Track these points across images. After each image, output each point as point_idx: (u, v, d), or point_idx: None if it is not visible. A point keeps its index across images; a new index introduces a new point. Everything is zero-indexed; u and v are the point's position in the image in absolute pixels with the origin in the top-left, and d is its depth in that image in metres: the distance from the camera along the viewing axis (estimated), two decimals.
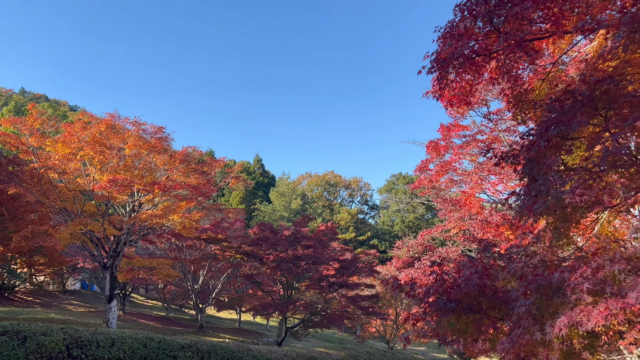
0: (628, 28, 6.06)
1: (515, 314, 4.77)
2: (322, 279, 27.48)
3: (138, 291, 51.93)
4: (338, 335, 49.76)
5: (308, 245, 26.55)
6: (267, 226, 27.79)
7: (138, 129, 22.14)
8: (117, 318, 22.37)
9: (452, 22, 7.45)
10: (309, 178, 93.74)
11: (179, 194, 22.86)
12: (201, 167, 24.45)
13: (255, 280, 28.81)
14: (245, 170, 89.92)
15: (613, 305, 3.99)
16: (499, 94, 15.38)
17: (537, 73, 9.29)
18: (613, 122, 5.39)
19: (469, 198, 18.40)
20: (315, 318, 27.32)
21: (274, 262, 25.37)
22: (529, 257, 6.39)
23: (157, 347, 12.97)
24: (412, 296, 6.29)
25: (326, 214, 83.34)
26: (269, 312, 27.88)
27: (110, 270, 21.42)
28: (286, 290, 27.79)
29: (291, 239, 26.43)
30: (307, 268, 26.51)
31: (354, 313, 30.91)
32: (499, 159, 6.78)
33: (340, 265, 28.91)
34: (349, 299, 29.69)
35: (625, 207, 7.81)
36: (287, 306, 25.15)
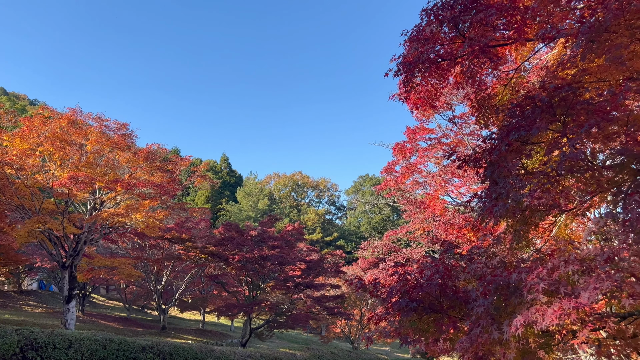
0: (586, 37, 6.28)
1: (474, 314, 4.88)
2: (288, 280, 27.43)
3: (99, 291, 50.61)
4: (303, 335, 49.75)
5: (274, 245, 26.45)
6: (233, 226, 27.54)
7: (101, 125, 21.61)
8: (75, 319, 21.74)
9: (418, 26, 7.56)
10: (276, 178, 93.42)
11: (143, 192, 22.42)
12: (166, 165, 24.05)
13: (220, 281, 28.52)
14: (211, 169, 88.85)
15: (566, 305, 4.13)
16: (463, 98, 15.71)
17: (500, 79, 9.53)
18: (570, 128, 5.57)
19: (433, 200, 18.71)
20: (280, 319, 27.23)
21: (239, 262, 25.16)
22: (489, 258, 6.54)
23: (117, 349, 12.67)
24: (375, 296, 6.35)
25: (293, 215, 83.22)
26: (234, 313, 27.62)
27: (69, 270, 20.80)
28: (251, 290, 27.60)
29: (257, 239, 26.28)
30: (273, 268, 26.41)
31: (320, 313, 30.97)
32: (461, 162, 6.91)
33: (306, 265, 28.92)
34: (314, 300, 29.72)
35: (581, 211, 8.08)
36: (252, 307, 24.98)
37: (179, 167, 25.44)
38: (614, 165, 5.69)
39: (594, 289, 4.09)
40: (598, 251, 4.66)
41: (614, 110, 5.65)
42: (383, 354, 42.87)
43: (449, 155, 8.13)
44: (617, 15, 5.80)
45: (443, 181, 19.13)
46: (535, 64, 10.39)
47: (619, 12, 5.82)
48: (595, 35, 6.13)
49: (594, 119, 5.33)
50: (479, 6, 7.04)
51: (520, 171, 6.37)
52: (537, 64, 10.28)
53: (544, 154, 5.86)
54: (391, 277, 6.76)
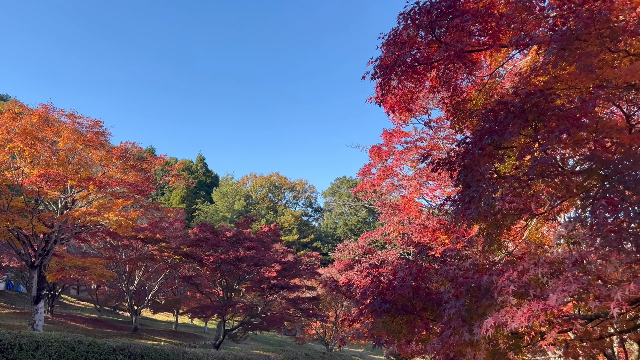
0: (558, 45, 6.42)
1: (446, 315, 4.93)
2: (264, 281, 27.30)
3: (69, 292, 49.50)
4: (278, 337, 49.57)
5: (250, 246, 26.31)
6: (208, 227, 27.29)
7: (74, 122, 21.17)
8: (44, 320, 21.23)
9: (395, 30, 7.62)
10: (253, 179, 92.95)
11: (116, 191, 22.05)
12: (140, 164, 23.69)
13: (194, 282, 28.22)
14: (187, 168, 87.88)
15: (535, 307, 4.20)
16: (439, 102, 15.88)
17: (475, 84, 9.67)
18: (542, 133, 5.68)
19: (409, 202, 18.88)
20: (255, 320, 27.09)
21: (214, 263, 24.94)
22: (462, 260, 6.63)
23: (86, 351, 12.41)
24: (349, 298, 6.36)
25: (270, 216, 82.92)
26: (208, 314, 27.36)
27: (38, 270, 20.30)
28: (226, 292, 27.38)
29: (233, 240, 26.09)
30: (249, 270, 26.26)
31: (295, 315, 30.93)
32: (436, 165, 6.98)
33: (282, 267, 28.85)
34: (289, 301, 29.66)
35: (552, 215, 8.25)
36: (227, 308, 24.78)
37: (154, 166, 25.08)
38: (583, 170, 5.83)
39: (561, 291, 4.18)
40: (566, 254, 4.76)
41: (583, 117, 5.78)
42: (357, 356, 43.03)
43: (423, 158, 8.21)
44: (587, 25, 5.95)
45: (418, 184, 19.32)
46: (510, 70, 10.58)
47: (589, 21, 5.97)
48: (566, 43, 6.28)
49: (564, 125, 5.45)
50: (455, 12, 7.13)
51: (493, 175, 6.47)
52: (511, 70, 10.46)
53: (516, 159, 5.97)
54: (365, 279, 6.79)
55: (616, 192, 5.10)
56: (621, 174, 5.29)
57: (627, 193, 5.13)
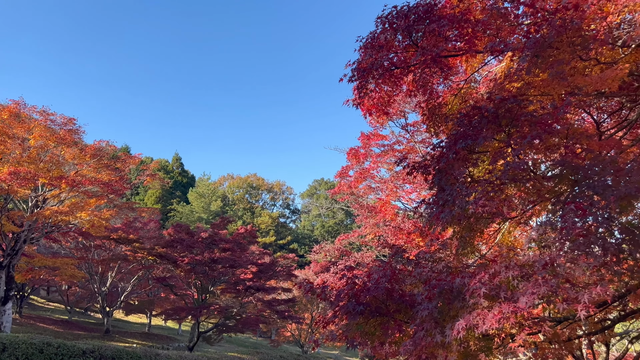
0: (531, 52, 6.55)
1: (418, 317, 4.96)
2: (239, 283, 27.11)
3: (39, 293, 48.31)
4: (253, 339, 49.27)
5: (226, 248, 26.09)
6: (183, 227, 26.98)
7: (46, 119, 20.71)
8: (12, 322, 20.67)
9: (373, 33, 7.66)
10: (230, 180, 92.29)
11: (89, 190, 21.63)
12: (114, 162, 23.31)
13: (168, 284, 27.87)
14: (163, 168, 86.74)
15: (506, 309, 4.27)
16: (415, 106, 16.06)
17: (451, 89, 9.80)
18: (514, 138, 5.78)
19: (385, 205, 19.00)
20: (229, 322, 26.87)
21: (189, 264, 24.66)
22: (435, 263, 6.69)
23: (55, 353, 12.13)
24: (323, 299, 6.36)
25: (247, 217, 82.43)
26: (182, 316, 27.02)
27: (6, 270, 19.77)
28: (201, 294, 27.10)
29: (208, 241, 25.84)
30: (224, 271, 26.04)
31: (270, 317, 30.79)
32: (411, 168, 7.04)
33: (258, 269, 28.70)
34: (265, 303, 29.52)
35: (524, 219, 8.40)
36: (201, 310, 24.52)
37: (128, 165, 24.71)
38: (554, 175, 5.95)
39: (531, 294, 4.25)
40: (537, 258, 4.85)
41: (555, 123, 5.90)
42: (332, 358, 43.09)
43: (399, 161, 8.28)
44: (560, 32, 6.08)
45: (395, 187, 19.47)
46: (485, 75, 10.75)
47: (561, 30, 6.10)
48: (540, 50, 6.41)
49: (536, 131, 5.55)
50: (432, 17, 7.21)
51: (467, 179, 6.55)
52: (486, 75, 10.63)
53: (489, 163, 6.05)
54: (340, 281, 6.80)
55: (585, 198, 5.21)
56: (590, 179, 5.41)
57: (595, 198, 5.25)
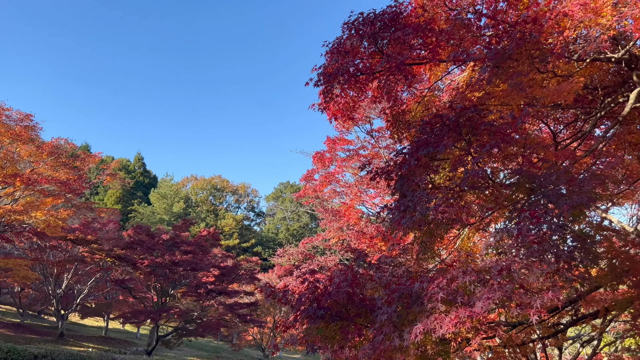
0: (492, 63, 6.73)
1: (378, 321, 5.01)
2: (201, 286, 26.72)
3: None
4: (213, 343, 48.58)
5: (188, 250, 25.68)
6: (143, 229, 26.40)
7: (1, 115, 19.93)
8: None
9: (340, 38, 7.72)
10: (194, 181, 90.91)
11: (45, 189, 20.93)
12: (73, 161, 22.64)
13: (127, 286, 27.20)
14: (124, 168, 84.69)
15: (462, 314, 4.36)
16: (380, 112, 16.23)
17: (415, 96, 9.96)
18: (474, 147, 5.92)
19: (349, 209, 19.12)
20: (190, 326, 26.43)
21: (148, 267, 24.14)
22: (396, 267, 6.77)
23: (5, 358, 11.63)
24: (284, 304, 6.34)
25: (210, 219, 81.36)
26: (140, 319, 26.42)
27: None
28: (160, 297, 26.56)
29: (169, 243, 25.38)
30: (185, 274, 25.61)
31: (232, 321, 30.47)
32: (374, 174, 7.10)
33: (220, 272, 28.36)
34: (227, 307, 29.19)
35: (482, 225, 8.61)
36: (161, 314, 24.04)
37: (88, 163, 24.03)
38: (511, 184, 6.12)
39: (487, 299, 4.35)
40: (493, 263, 4.97)
41: (513, 133, 6.08)
42: None
43: (363, 166, 8.35)
44: (519, 45, 6.27)
45: (359, 191, 19.62)
46: (448, 84, 10.97)
47: (521, 42, 6.30)
48: (500, 61, 6.60)
49: (495, 140, 5.69)
50: (397, 25, 7.32)
51: (428, 185, 6.66)
52: (449, 84, 10.86)
53: (450, 170, 6.18)
54: (302, 285, 6.79)
55: (540, 206, 5.38)
56: (545, 188, 5.59)
57: (550, 207, 5.43)
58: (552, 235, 5.12)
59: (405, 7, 7.72)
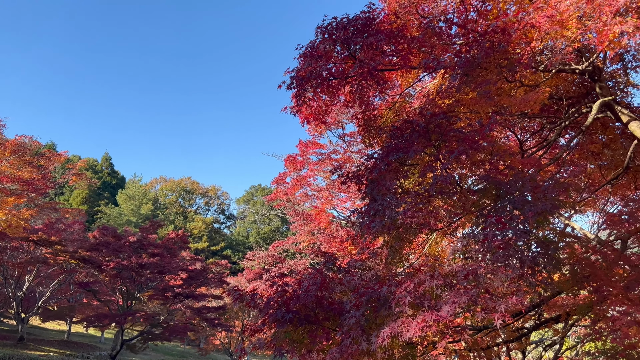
0: (462, 71, 6.85)
1: (346, 325, 5.02)
2: (168, 289, 26.27)
3: None
4: (180, 347, 47.81)
5: (155, 253, 25.22)
6: (110, 230, 25.80)
7: None
8: None
9: (313, 42, 7.73)
10: (163, 182, 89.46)
11: (7, 187, 20.27)
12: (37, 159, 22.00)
13: (92, 289, 26.52)
14: (91, 168, 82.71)
15: (429, 318, 4.40)
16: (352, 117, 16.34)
17: (387, 102, 10.06)
18: (443, 153, 6.00)
19: (320, 213, 19.14)
20: (156, 330, 25.95)
21: (114, 269, 23.60)
22: (365, 271, 6.80)
23: None
24: (252, 307, 6.28)
25: (179, 222, 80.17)
26: (105, 323, 25.80)
27: None
28: (126, 300, 25.99)
29: (136, 245, 24.87)
30: (152, 277, 25.14)
31: (199, 325, 30.04)
32: (345, 178, 7.13)
33: (188, 275, 27.94)
34: (194, 311, 28.78)
35: (450, 230, 8.74)
36: (126, 317, 23.52)
37: (53, 163, 23.40)
38: (478, 190, 6.23)
39: (453, 303, 4.41)
40: (460, 268, 5.04)
41: (481, 140, 6.19)
42: None
43: (334, 170, 8.37)
44: (488, 54, 6.41)
45: (330, 195, 19.67)
46: (419, 91, 11.13)
47: (490, 51, 6.44)
48: (469, 69, 6.72)
49: (463, 146, 5.79)
50: (370, 30, 7.39)
51: (398, 190, 6.72)
52: (420, 91, 11.01)
53: (419, 176, 6.25)
54: (271, 289, 6.75)
55: (506, 212, 5.50)
56: (511, 194, 5.72)
57: (515, 213, 5.55)
58: (517, 241, 5.23)
59: (378, 13, 7.80)
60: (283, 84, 8.24)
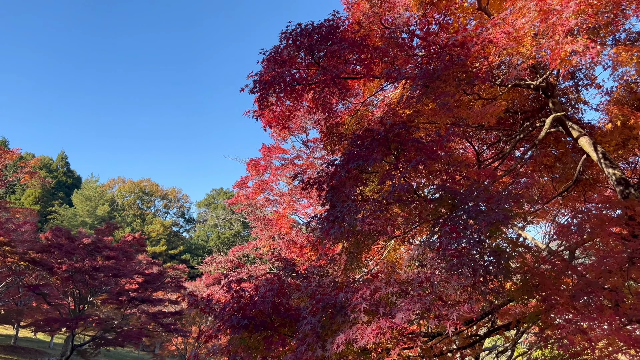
0: (422, 82, 7.00)
1: (301, 331, 5.01)
2: (123, 293, 25.58)
3: None
4: (134, 353, 46.57)
5: (110, 256, 24.51)
6: (63, 232, 24.94)
7: None
8: None
9: (277, 47, 7.74)
10: (121, 183, 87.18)
11: None
12: None
13: (42, 292, 25.54)
14: (45, 166, 79.79)
15: (383, 324, 4.45)
16: (315, 123, 16.43)
17: (350, 109, 10.16)
18: (402, 162, 6.11)
19: (281, 218, 19.09)
20: (109, 335, 25.20)
21: (66, 272, 22.81)
22: (324, 277, 6.81)
23: None
24: (207, 313, 6.20)
25: (137, 224, 78.24)
26: (55, 327, 24.82)
27: None
28: (78, 304, 25.15)
29: (91, 247, 24.13)
30: (107, 281, 24.42)
31: (155, 330, 29.37)
32: (306, 184, 7.14)
33: (145, 279, 27.31)
34: (150, 315, 28.12)
35: (407, 238, 8.88)
36: (77, 321, 22.74)
37: (4, 160, 22.51)
38: (435, 199, 6.36)
39: (407, 310, 4.48)
40: (415, 275, 5.13)
41: (439, 150, 6.33)
42: None
43: (296, 175, 8.37)
44: (447, 67, 6.57)
45: (292, 200, 19.66)
46: (382, 100, 11.29)
47: (449, 64, 6.60)
48: (429, 81, 6.87)
49: (421, 156, 5.90)
50: (335, 38, 7.45)
51: (358, 197, 6.78)
52: (383, 100, 11.17)
53: (379, 184, 6.33)
54: (227, 294, 6.68)
55: (460, 221, 5.63)
56: (466, 204, 5.86)
57: (470, 222, 5.69)
58: (471, 249, 5.36)
59: (342, 22, 7.87)
60: (246, 87, 8.20)
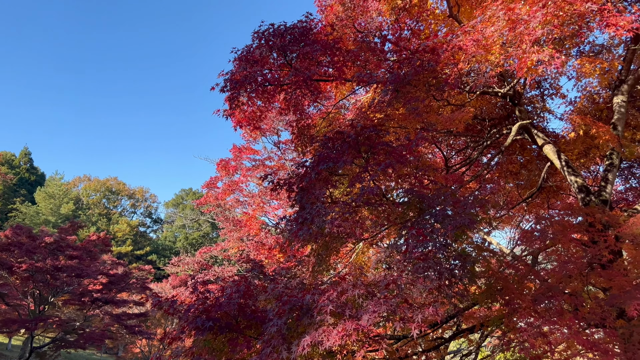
0: (393, 87, 7.06)
1: (267, 333, 4.97)
2: (86, 294, 24.93)
3: None
4: (96, 356, 45.45)
5: (73, 255, 23.86)
6: (24, 230, 24.14)
7: None
8: None
9: (249, 47, 7.69)
10: (87, 181, 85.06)
11: None
12: None
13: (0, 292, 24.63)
14: (7, 162, 77.23)
15: (349, 326, 4.45)
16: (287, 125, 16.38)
17: (321, 112, 10.17)
18: (371, 165, 6.14)
19: (251, 219, 18.95)
20: (70, 337, 24.51)
21: (27, 271, 22.09)
22: (291, 279, 6.79)
23: None
24: (172, 314, 6.09)
25: (102, 224, 76.44)
26: (13, 329, 23.97)
27: None
28: (38, 304, 24.38)
29: (53, 247, 23.44)
30: (69, 281, 23.74)
31: (118, 332, 28.75)
32: (276, 185, 7.11)
33: (109, 280, 26.69)
34: (114, 317, 27.51)
35: (376, 241, 8.93)
36: (37, 323, 22.04)
37: None
38: (403, 202, 6.42)
39: (373, 312, 4.49)
40: (381, 278, 5.15)
41: (408, 154, 6.39)
42: None
43: (266, 176, 8.32)
44: (418, 72, 6.64)
45: (262, 202, 19.54)
46: (354, 103, 11.35)
47: (419, 70, 6.68)
48: (400, 86, 6.94)
49: (390, 160, 5.95)
50: (307, 40, 7.45)
51: (327, 199, 6.78)
52: (355, 103, 11.23)
53: (348, 186, 6.35)
54: (193, 295, 6.58)
55: (427, 225, 5.69)
56: (433, 208, 5.93)
57: (436, 226, 5.76)
58: (437, 253, 5.43)
59: (315, 23, 7.88)
60: (216, 86, 8.11)
